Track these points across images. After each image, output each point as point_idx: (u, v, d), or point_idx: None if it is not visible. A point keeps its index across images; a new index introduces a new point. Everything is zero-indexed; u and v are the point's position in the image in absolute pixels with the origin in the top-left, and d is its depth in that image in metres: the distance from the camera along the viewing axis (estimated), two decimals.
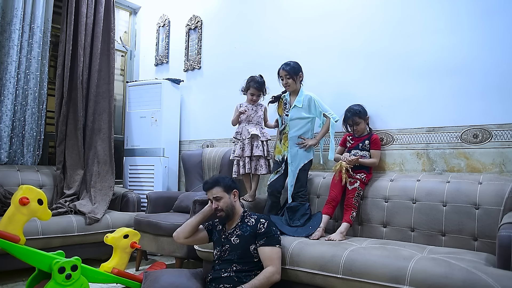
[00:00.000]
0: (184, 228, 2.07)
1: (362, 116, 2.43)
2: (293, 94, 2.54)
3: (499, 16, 2.21)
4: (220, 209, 2.01)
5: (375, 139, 2.42)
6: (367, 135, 2.45)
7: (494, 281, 1.41)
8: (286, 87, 2.51)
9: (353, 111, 2.44)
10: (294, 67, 2.47)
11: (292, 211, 2.40)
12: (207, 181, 2.09)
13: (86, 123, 3.50)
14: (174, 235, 2.10)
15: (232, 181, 2.10)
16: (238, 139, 2.76)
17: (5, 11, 3.12)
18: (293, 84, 2.48)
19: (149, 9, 4.36)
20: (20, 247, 1.87)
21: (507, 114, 2.15)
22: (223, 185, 2.04)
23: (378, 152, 2.41)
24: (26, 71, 3.21)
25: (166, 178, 3.68)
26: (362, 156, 2.39)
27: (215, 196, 2.01)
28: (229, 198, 2.04)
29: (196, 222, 2.08)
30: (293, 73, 2.46)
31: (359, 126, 2.43)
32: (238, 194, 2.11)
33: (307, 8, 3.04)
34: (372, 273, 1.68)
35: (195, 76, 3.87)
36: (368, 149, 2.42)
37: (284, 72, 2.47)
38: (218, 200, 2.01)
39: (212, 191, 2.03)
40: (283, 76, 2.49)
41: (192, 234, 2.08)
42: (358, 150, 2.42)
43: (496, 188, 1.98)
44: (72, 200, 3.16)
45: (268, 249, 1.92)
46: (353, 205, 2.28)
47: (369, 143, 2.41)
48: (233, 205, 2.05)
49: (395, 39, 2.58)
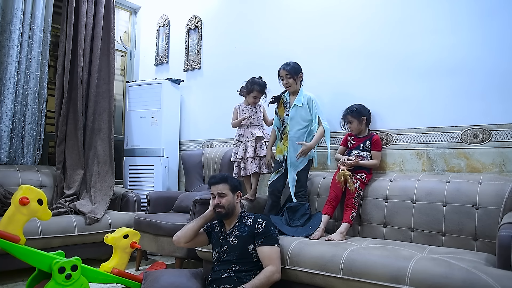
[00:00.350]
0: (185, 233, 2.06)
1: (355, 116, 2.42)
2: (293, 94, 2.54)
3: (499, 16, 2.21)
4: (222, 206, 2.01)
5: (376, 140, 2.42)
6: (368, 136, 2.45)
7: (494, 281, 1.41)
8: (287, 87, 2.51)
9: (349, 109, 2.45)
10: (294, 67, 2.48)
11: (292, 211, 2.40)
12: (215, 175, 2.09)
13: (86, 123, 3.50)
14: (174, 239, 2.09)
15: (239, 183, 2.11)
16: (241, 142, 2.77)
17: (5, 11, 3.12)
18: (294, 84, 2.48)
19: (149, 9, 4.36)
20: (20, 247, 1.87)
21: (507, 114, 2.15)
22: (230, 183, 2.05)
23: (379, 153, 2.41)
24: (26, 71, 3.21)
25: (166, 178, 3.68)
26: (362, 157, 2.39)
27: (220, 192, 2.02)
28: (232, 197, 2.04)
29: (198, 226, 2.07)
30: (293, 73, 2.47)
31: (352, 125, 2.44)
32: (241, 197, 2.12)
33: (307, 8, 3.04)
34: (372, 273, 1.68)
35: (195, 76, 3.87)
36: (369, 150, 2.42)
37: (284, 72, 2.48)
38: (222, 197, 2.02)
39: (219, 186, 2.03)
40: (283, 76, 2.49)
41: (193, 238, 2.08)
42: (359, 150, 2.42)
43: (496, 188, 1.98)
44: (72, 200, 3.16)
45: (267, 249, 1.92)
46: (353, 205, 2.28)
47: (370, 144, 2.41)
48: (234, 205, 2.06)
49: (395, 39, 2.58)
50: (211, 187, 2.07)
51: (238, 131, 2.83)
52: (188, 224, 2.11)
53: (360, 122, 2.44)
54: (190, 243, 2.09)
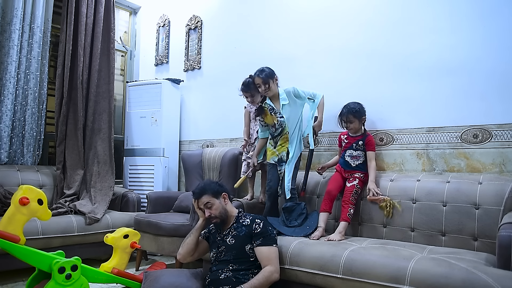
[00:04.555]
0: (187, 249, 2.07)
1: (357, 116, 2.38)
2: (274, 98, 2.50)
3: (499, 16, 2.21)
4: (214, 216, 2.01)
5: (370, 140, 2.39)
6: (361, 135, 2.43)
7: (494, 281, 1.41)
8: (266, 93, 2.47)
9: (349, 108, 2.40)
10: (269, 73, 2.44)
11: (288, 211, 2.40)
12: (194, 191, 2.08)
13: (86, 123, 3.50)
14: (179, 257, 2.10)
15: (219, 185, 2.10)
16: (252, 143, 2.80)
17: (5, 11, 3.12)
18: (272, 88, 2.45)
19: (149, 9, 4.36)
20: (20, 247, 1.87)
21: (507, 114, 2.15)
22: (211, 191, 2.03)
23: (373, 154, 2.39)
24: (26, 71, 3.21)
25: (166, 178, 3.68)
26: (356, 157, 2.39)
27: (206, 203, 2.01)
28: (219, 202, 2.03)
29: (196, 238, 2.08)
30: (268, 77, 2.43)
31: (352, 125, 2.40)
32: (228, 196, 2.10)
33: (307, 8, 3.04)
34: (372, 273, 1.68)
35: (195, 76, 3.87)
36: (362, 149, 2.41)
37: (260, 79, 2.43)
38: (210, 208, 2.01)
39: (202, 199, 2.02)
40: (260, 83, 2.45)
41: (195, 250, 2.09)
42: (352, 150, 2.41)
43: (496, 188, 1.98)
44: (72, 200, 3.16)
45: (265, 249, 1.92)
46: (350, 201, 2.28)
47: (363, 144, 2.40)
48: (225, 209, 2.05)
49: (395, 39, 2.58)
50: (196, 201, 2.06)
51: (248, 132, 2.86)
52: (185, 239, 2.11)
53: (361, 122, 2.42)
54: (194, 255, 2.11)
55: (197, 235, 2.09)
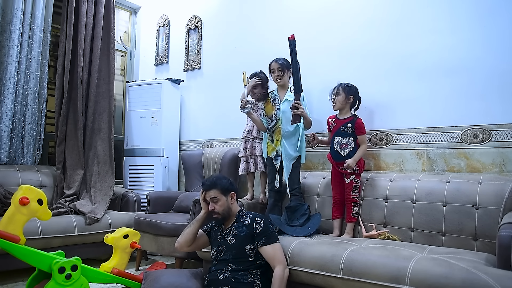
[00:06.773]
0: (185, 238, 2.07)
1: (345, 91, 2.40)
2: (282, 89, 2.57)
3: (499, 16, 2.21)
4: (216, 212, 2.01)
5: (359, 123, 2.38)
6: (350, 117, 2.40)
7: (494, 281, 1.40)
8: (278, 80, 2.54)
9: (343, 83, 2.45)
10: (286, 61, 2.53)
11: (291, 211, 2.40)
12: (204, 182, 2.08)
13: (86, 123, 3.50)
14: (177, 246, 2.09)
15: (230, 183, 2.09)
16: (249, 138, 2.79)
17: (5, 11, 3.12)
18: (284, 78, 2.53)
19: (149, 9, 4.37)
20: (20, 247, 1.87)
21: (507, 114, 2.15)
22: (221, 187, 2.03)
23: (364, 137, 2.39)
24: (26, 71, 3.21)
25: (166, 178, 3.68)
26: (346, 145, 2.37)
27: (212, 197, 2.01)
28: (226, 200, 2.03)
29: (196, 229, 2.07)
30: (285, 67, 2.51)
31: (338, 98, 2.41)
32: (236, 196, 2.10)
33: (307, 7, 3.04)
34: (372, 273, 1.68)
35: (195, 76, 3.87)
36: (350, 134, 2.38)
37: (277, 64, 2.52)
38: (215, 202, 2.01)
39: (210, 192, 2.02)
40: (275, 69, 2.53)
41: (193, 241, 2.08)
42: (341, 137, 2.39)
43: (496, 188, 1.98)
44: (72, 200, 3.16)
45: (270, 248, 1.93)
46: (352, 199, 2.31)
47: (351, 127, 2.37)
48: (230, 208, 2.05)
49: (395, 39, 2.58)
50: (203, 192, 2.06)
51: (246, 128, 2.85)
52: (186, 229, 2.11)
53: (347, 99, 2.41)
54: (192, 246, 2.10)
55: (197, 226, 2.07)
